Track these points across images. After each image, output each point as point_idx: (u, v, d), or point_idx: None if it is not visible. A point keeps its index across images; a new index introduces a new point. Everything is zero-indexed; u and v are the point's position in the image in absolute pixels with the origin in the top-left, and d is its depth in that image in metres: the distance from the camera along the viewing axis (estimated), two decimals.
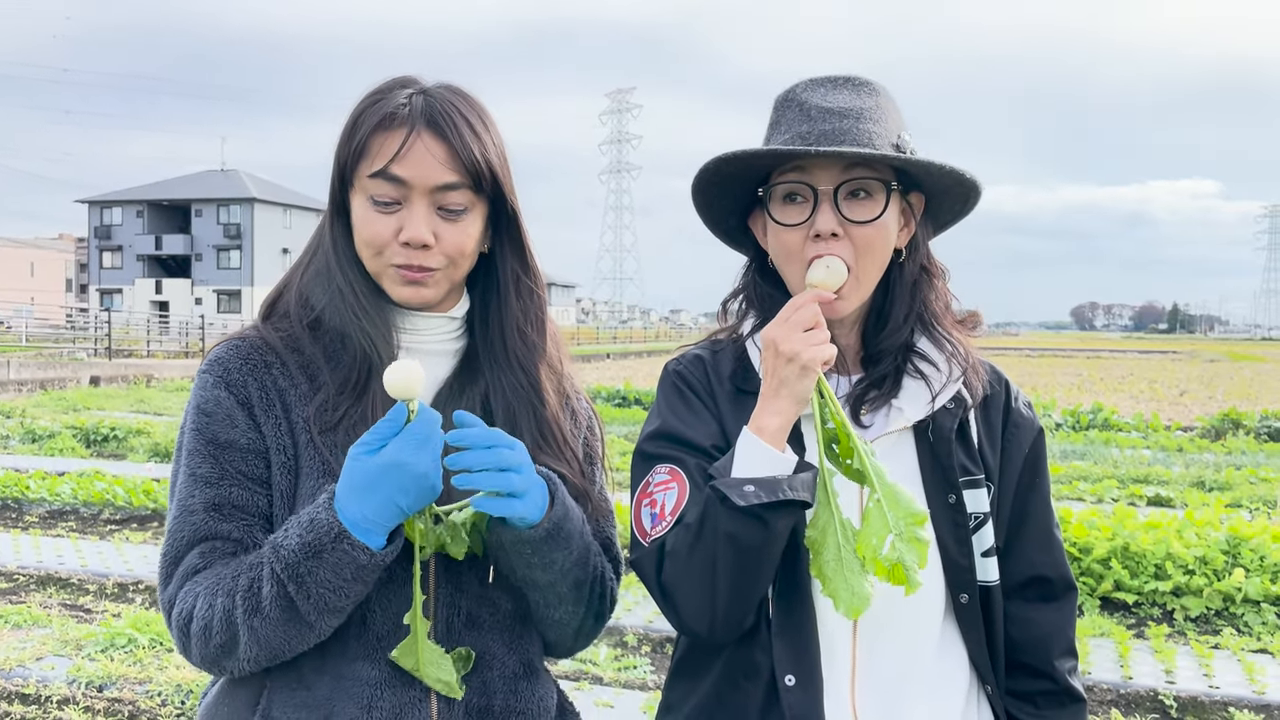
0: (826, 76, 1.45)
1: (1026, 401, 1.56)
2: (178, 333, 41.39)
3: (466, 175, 1.36)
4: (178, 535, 1.34)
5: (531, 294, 1.48)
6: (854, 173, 1.39)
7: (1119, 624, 5.68)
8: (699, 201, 1.51)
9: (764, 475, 1.29)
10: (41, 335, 35.86)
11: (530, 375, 1.46)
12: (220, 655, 1.30)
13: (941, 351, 1.47)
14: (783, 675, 1.36)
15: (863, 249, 1.39)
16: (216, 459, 1.34)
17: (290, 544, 1.24)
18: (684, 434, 1.43)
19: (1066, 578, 1.53)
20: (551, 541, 1.33)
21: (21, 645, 5.09)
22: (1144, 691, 4.70)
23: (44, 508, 8.70)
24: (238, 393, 1.36)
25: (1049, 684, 1.50)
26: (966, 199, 1.49)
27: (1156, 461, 11.97)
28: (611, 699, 4.54)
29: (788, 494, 1.27)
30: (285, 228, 70.32)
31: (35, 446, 12.41)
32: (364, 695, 1.32)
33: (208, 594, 1.29)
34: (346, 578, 1.24)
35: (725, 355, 1.51)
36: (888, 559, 1.26)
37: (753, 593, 1.34)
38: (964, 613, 1.44)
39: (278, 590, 1.25)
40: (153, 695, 4.49)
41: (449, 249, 1.38)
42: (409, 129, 1.35)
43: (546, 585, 1.37)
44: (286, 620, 1.26)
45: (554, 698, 1.50)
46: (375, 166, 1.35)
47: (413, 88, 1.39)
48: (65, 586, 6.35)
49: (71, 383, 21.75)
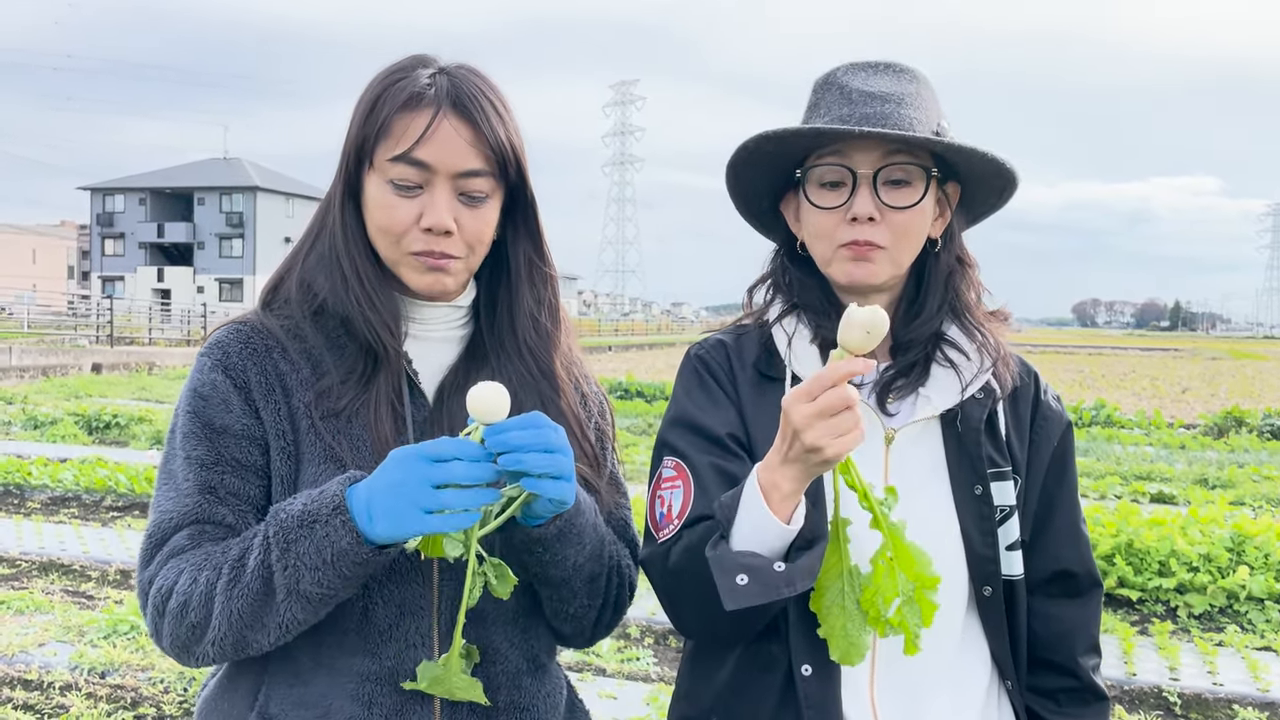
0: (867, 62, 1.44)
1: (1055, 395, 1.55)
2: (179, 321, 41.41)
3: (491, 161, 1.33)
4: (166, 515, 1.29)
5: (546, 280, 1.45)
6: (894, 158, 1.37)
7: (1122, 620, 5.67)
8: (733, 182, 1.49)
9: (761, 560, 1.22)
10: (44, 322, 35.88)
11: (542, 363, 1.43)
12: (190, 638, 1.24)
13: (972, 341, 1.45)
14: (799, 665, 1.34)
15: (899, 234, 1.38)
16: (212, 443, 1.30)
17: (293, 509, 1.20)
18: (700, 421, 1.41)
19: (1093, 573, 1.52)
20: (564, 539, 1.29)
21: (24, 631, 5.09)
22: (1148, 688, 4.69)
23: (46, 494, 8.70)
24: (236, 377, 1.32)
25: (1072, 681, 1.49)
26: (1003, 190, 1.47)
27: (1159, 459, 11.97)
28: (615, 690, 4.53)
29: (781, 594, 1.21)
30: (288, 216, 70.26)
31: (38, 433, 12.41)
32: (363, 692, 1.29)
33: (193, 569, 1.24)
34: (326, 559, 1.17)
35: (750, 340, 1.49)
36: (892, 621, 1.20)
37: (755, 626, 1.33)
38: (987, 606, 1.42)
39: (262, 559, 1.20)
40: (155, 682, 4.49)
41: (469, 237, 1.34)
42: (435, 110, 1.30)
43: (560, 582, 1.34)
44: (260, 594, 1.20)
45: (563, 694, 1.48)
46: (399, 149, 1.30)
47: (433, 67, 1.35)
48: (68, 573, 6.34)
49: (73, 370, 21.75)
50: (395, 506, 1.15)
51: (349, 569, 1.19)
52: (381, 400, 1.32)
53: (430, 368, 1.40)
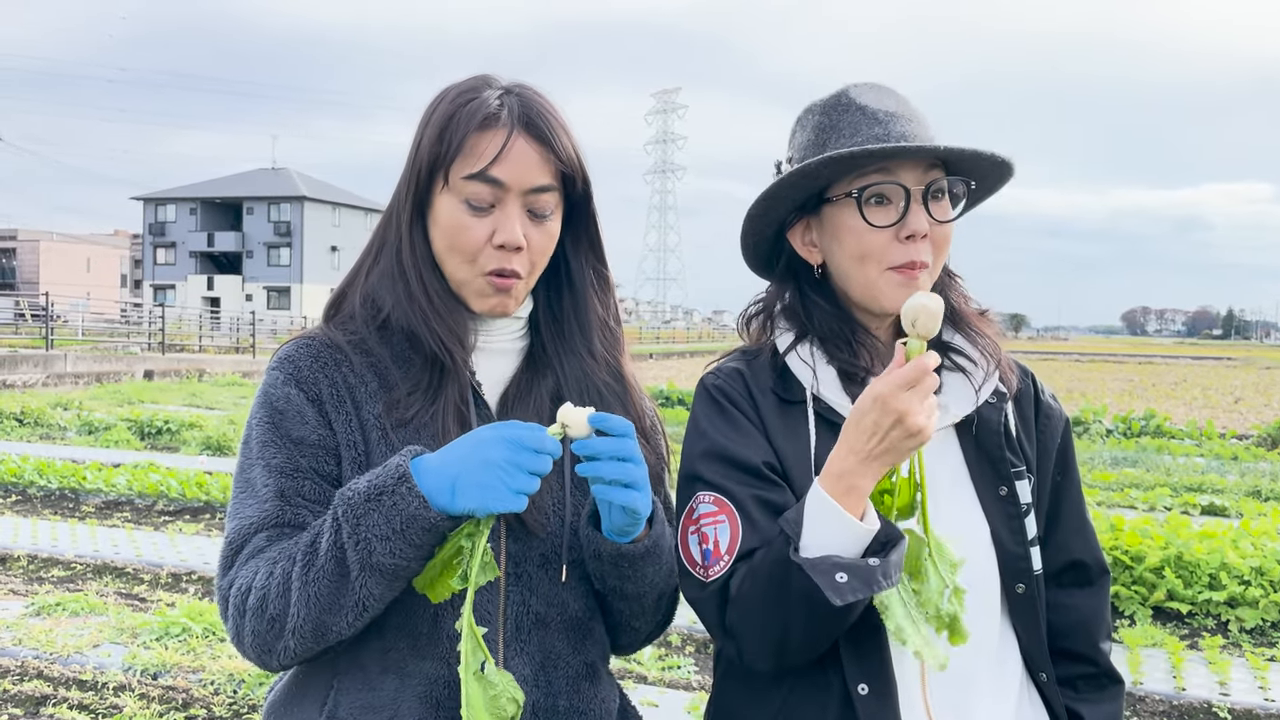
0: (867, 83, 1.47)
1: (1052, 394, 1.59)
2: (228, 328, 42.09)
3: (558, 176, 1.38)
4: (246, 521, 1.32)
5: (609, 288, 1.49)
6: (935, 174, 1.40)
7: (1172, 634, 5.58)
8: (760, 209, 1.48)
9: (850, 557, 1.25)
10: (97, 329, 36.63)
11: (614, 368, 1.48)
12: (271, 632, 1.26)
13: (975, 347, 1.48)
14: (855, 685, 1.35)
15: (940, 247, 1.42)
16: (289, 453, 1.33)
17: (358, 487, 1.23)
18: (732, 452, 1.40)
19: (1101, 561, 1.56)
20: (649, 557, 1.34)
21: (79, 632, 5.21)
22: (1197, 703, 4.61)
23: (100, 498, 8.90)
24: (308, 390, 1.35)
25: (1090, 667, 1.52)
26: (980, 202, 1.53)
27: (1210, 470, 11.75)
28: (656, 698, 4.54)
29: (881, 586, 1.24)
30: (334, 226, 71.21)
31: (92, 438, 12.70)
32: (432, 694, 1.31)
33: (269, 564, 1.27)
34: (396, 527, 1.19)
35: (762, 366, 1.49)
36: (946, 613, 1.28)
37: (826, 642, 1.33)
38: (1020, 603, 1.44)
39: (334, 538, 1.22)
40: (206, 684, 4.57)
41: (535, 254, 1.38)
42: (509, 130, 1.34)
43: (634, 597, 1.38)
44: (336, 575, 1.22)
45: (616, 700, 1.50)
46: (474, 167, 1.34)
47: (498, 87, 1.39)
48: (121, 576, 6.48)
49: (126, 376, 22.20)
50: (488, 482, 1.19)
51: (418, 535, 1.21)
52: (449, 411, 1.35)
53: (492, 378, 1.44)
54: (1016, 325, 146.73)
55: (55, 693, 4.49)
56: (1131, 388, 27.90)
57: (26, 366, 20.13)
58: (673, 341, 67.18)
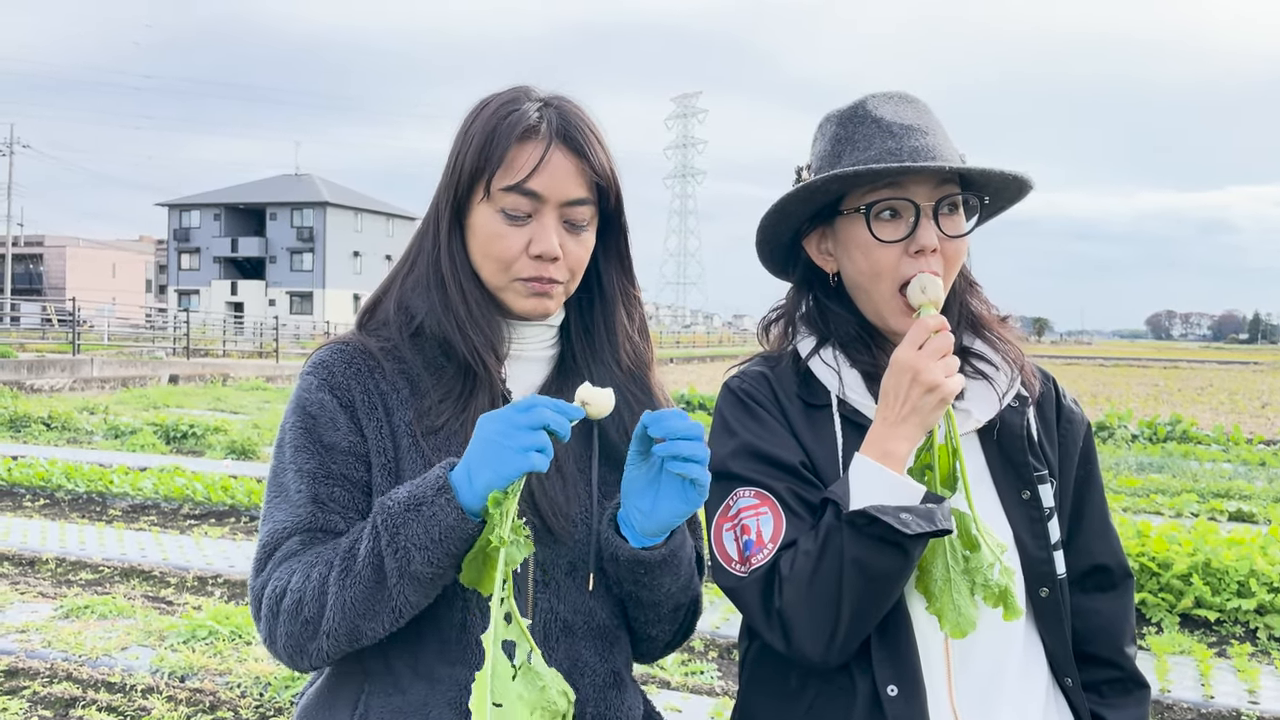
0: (886, 93, 1.47)
1: (1073, 398, 1.59)
2: (252, 333, 42.43)
3: (593, 189, 1.39)
4: (279, 525, 1.34)
5: (636, 302, 1.51)
6: (945, 189, 1.41)
7: (1200, 642, 5.53)
8: (772, 220, 1.49)
9: (902, 503, 1.28)
10: (123, 334, 37.00)
11: (641, 382, 1.49)
12: (304, 634, 1.27)
13: (997, 352, 1.50)
14: (884, 686, 1.36)
15: (952, 262, 1.43)
16: (322, 458, 1.35)
17: (398, 496, 1.24)
18: (769, 452, 1.41)
19: (1124, 565, 1.56)
20: (664, 566, 1.35)
21: (107, 635, 5.26)
22: (1226, 712, 4.57)
23: (126, 502, 8.98)
24: (341, 396, 1.37)
25: (1116, 672, 1.53)
26: (1003, 210, 1.54)
27: (1238, 475, 11.63)
28: (680, 704, 4.54)
29: (942, 524, 1.28)
30: (356, 231, 71.64)
31: (118, 442, 12.81)
32: (462, 700, 1.32)
33: (305, 568, 1.28)
34: (435, 537, 1.21)
35: (785, 372, 1.50)
36: (996, 584, 1.30)
37: (876, 616, 1.34)
38: (1044, 607, 1.45)
39: (372, 545, 1.23)
40: (232, 687, 4.61)
41: (572, 263, 1.40)
42: (547, 143, 1.36)
43: (650, 605, 1.40)
44: (373, 582, 1.23)
45: (640, 707, 1.51)
46: (513, 179, 1.36)
47: (538, 99, 1.40)
48: (148, 579, 6.54)
49: (151, 381, 22.41)
50: (490, 454, 1.20)
51: (456, 545, 1.22)
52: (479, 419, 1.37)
53: (522, 386, 1.45)
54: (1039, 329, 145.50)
55: (84, 694, 4.53)
56: (1157, 392, 27.65)
57: (54, 371, 20.36)
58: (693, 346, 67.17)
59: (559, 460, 1.38)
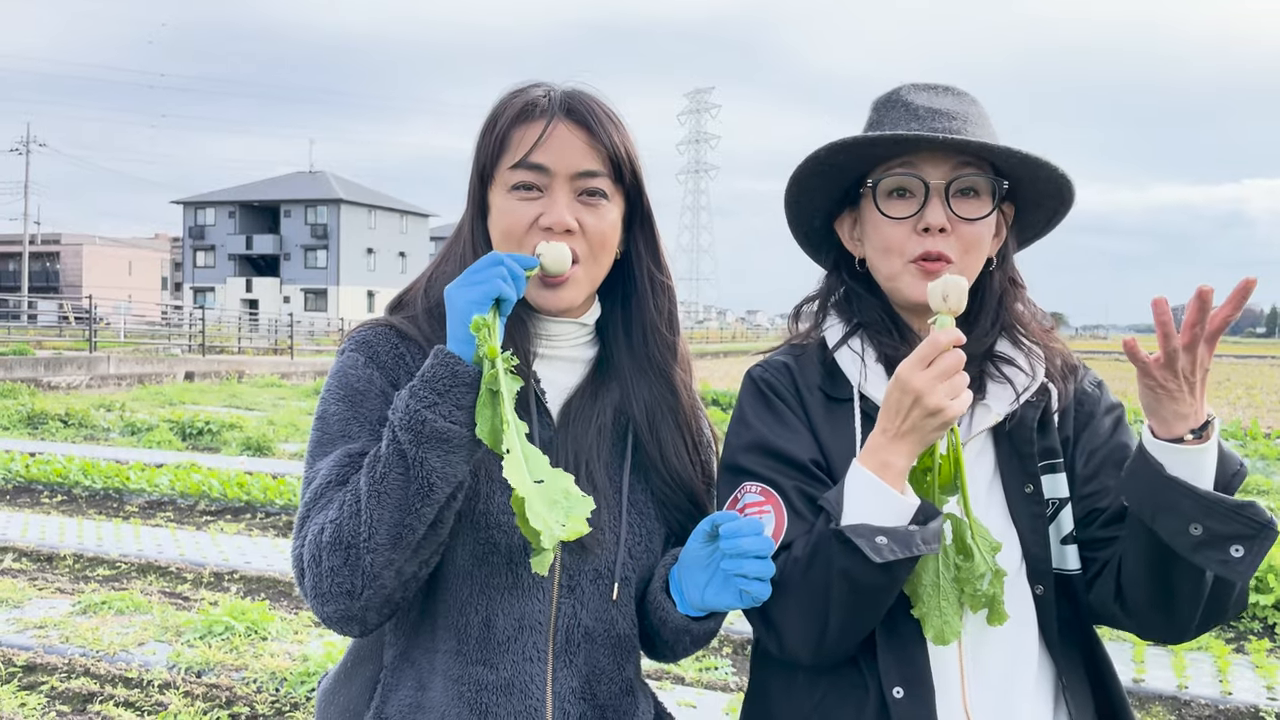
0: (927, 83, 1.46)
1: (1094, 381, 1.54)
2: (267, 330, 42.60)
3: (607, 162, 1.37)
4: (324, 479, 1.28)
5: (666, 292, 1.48)
6: (963, 170, 1.39)
7: (1217, 637, 5.49)
8: (795, 194, 1.50)
9: (890, 525, 1.26)
10: (139, 331, 37.18)
11: (665, 376, 1.47)
12: (349, 564, 1.21)
13: (1022, 353, 1.46)
14: (890, 688, 1.34)
15: (969, 246, 1.40)
16: (370, 435, 1.32)
17: (411, 383, 1.24)
18: (781, 448, 1.40)
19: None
20: (706, 631, 1.42)
21: (125, 630, 5.29)
22: (1244, 708, 4.54)
23: (143, 498, 9.04)
24: (389, 373, 1.36)
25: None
26: (1055, 211, 1.49)
27: (1256, 470, 11.54)
28: (694, 699, 4.54)
29: (920, 549, 1.25)
30: (370, 228, 71.78)
31: (134, 439, 12.89)
32: (480, 700, 1.32)
33: (338, 500, 1.24)
34: (439, 390, 1.20)
35: (809, 361, 1.48)
36: (984, 594, 1.30)
37: (868, 623, 1.33)
38: (1040, 605, 1.42)
39: (391, 437, 1.21)
40: (248, 682, 4.63)
41: (592, 237, 1.37)
42: (548, 118, 1.36)
43: (679, 647, 1.45)
44: (398, 466, 1.20)
45: (652, 712, 1.52)
46: (515, 157, 1.36)
47: (545, 86, 1.41)
48: (164, 574, 6.58)
49: (167, 378, 22.52)
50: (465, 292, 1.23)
51: (460, 393, 1.21)
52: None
53: (556, 389, 1.43)
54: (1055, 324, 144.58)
55: (102, 690, 4.56)
56: None
57: (71, 368, 20.48)
58: (706, 342, 67.11)
59: (589, 469, 1.38)
